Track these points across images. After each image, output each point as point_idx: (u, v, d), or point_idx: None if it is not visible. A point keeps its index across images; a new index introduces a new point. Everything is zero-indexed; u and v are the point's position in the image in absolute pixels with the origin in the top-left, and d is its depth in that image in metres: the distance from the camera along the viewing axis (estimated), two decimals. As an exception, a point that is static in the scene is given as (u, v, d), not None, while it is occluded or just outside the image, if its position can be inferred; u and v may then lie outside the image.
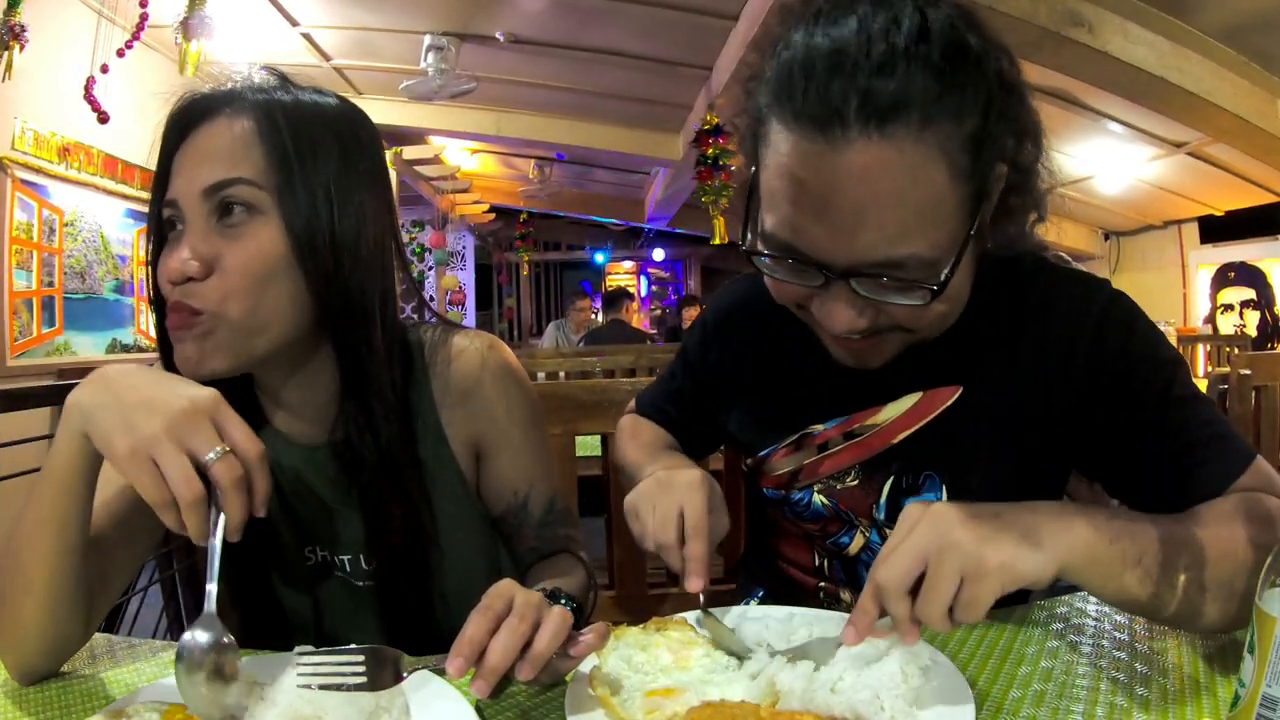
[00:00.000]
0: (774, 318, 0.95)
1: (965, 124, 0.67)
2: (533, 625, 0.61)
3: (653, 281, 12.42)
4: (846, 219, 0.67)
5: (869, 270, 0.70)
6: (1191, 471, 0.75)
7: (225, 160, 0.77)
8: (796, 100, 0.67)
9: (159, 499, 0.61)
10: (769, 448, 0.95)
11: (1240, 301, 6.48)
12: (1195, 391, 0.79)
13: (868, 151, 0.64)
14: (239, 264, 0.75)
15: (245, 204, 0.76)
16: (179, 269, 0.74)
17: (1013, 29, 3.26)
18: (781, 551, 1.01)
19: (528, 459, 0.94)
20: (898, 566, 0.59)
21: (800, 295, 0.77)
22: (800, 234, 0.71)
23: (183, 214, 0.76)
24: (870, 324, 0.75)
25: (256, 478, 0.64)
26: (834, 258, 0.70)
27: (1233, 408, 2.22)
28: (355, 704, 0.59)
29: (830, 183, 0.66)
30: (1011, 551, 0.58)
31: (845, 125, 0.64)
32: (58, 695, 0.69)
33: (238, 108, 0.79)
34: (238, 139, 0.77)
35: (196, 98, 0.80)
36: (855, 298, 0.72)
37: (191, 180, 0.76)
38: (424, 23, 4.51)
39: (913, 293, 0.71)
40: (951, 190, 0.68)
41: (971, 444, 0.84)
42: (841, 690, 0.58)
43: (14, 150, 3.76)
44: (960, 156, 0.67)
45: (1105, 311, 0.81)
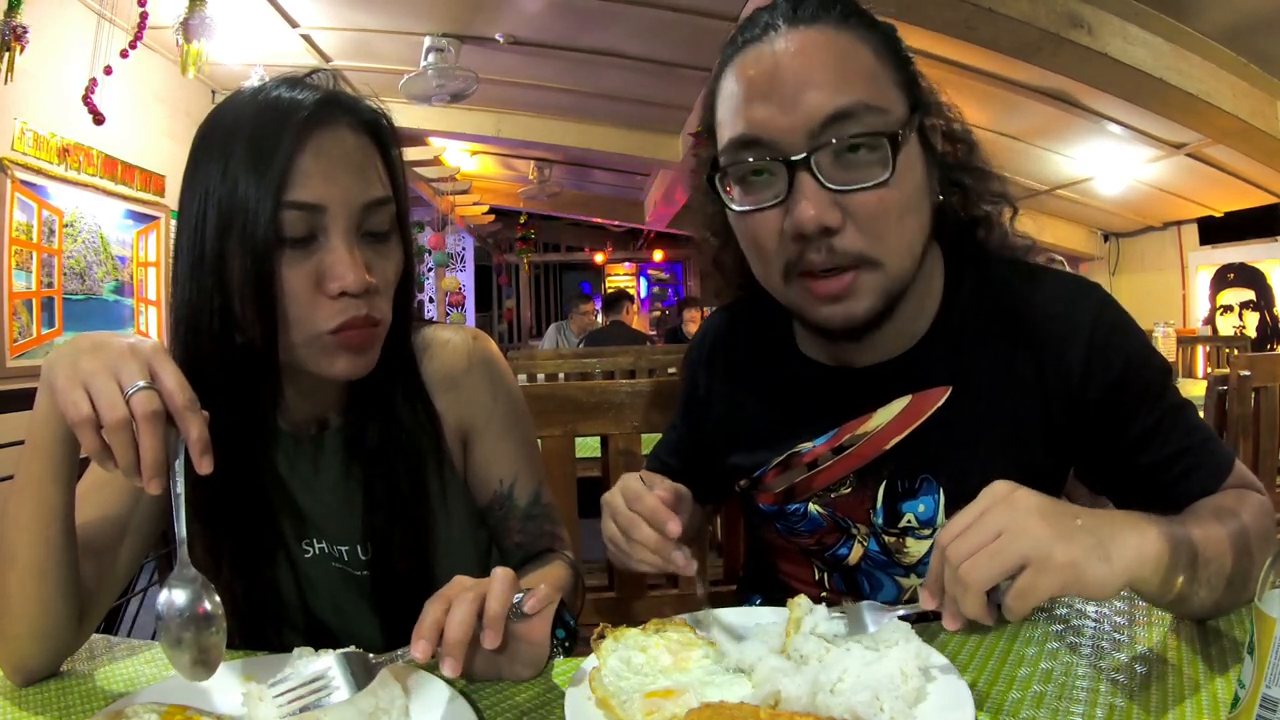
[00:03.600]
0: (757, 341, 0.98)
1: (877, 34, 0.78)
2: (482, 595, 0.64)
3: (652, 283, 12.42)
4: (790, 87, 0.74)
5: (823, 137, 0.73)
6: (1186, 475, 0.79)
7: (371, 177, 0.79)
8: (738, 41, 0.79)
9: (77, 416, 0.61)
10: (760, 470, 0.94)
11: (1240, 303, 6.48)
12: (1183, 398, 0.83)
13: (799, 34, 0.76)
14: (390, 279, 0.81)
15: (389, 221, 0.81)
16: (364, 283, 0.75)
17: (1012, 31, 3.26)
18: (781, 567, 1.01)
19: (511, 447, 0.97)
20: (967, 542, 0.59)
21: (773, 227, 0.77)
22: (754, 122, 0.76)
23: (330, 224, 0.75)
24: (839, 221, 0.74)
25: (188, 423, 0.62)
26: (789, 135, 0.74)
27: (1232, 408, 2.22)
28: (355, 707, 0.59)
29: (772, 64, 0.75)
30: (1082, 556, 0.57)
31: (776, 26, 0.77)
32: (57, 696, 0.69)
33: (353, 119, 0.80)
34: (371, 156, 0.80)
35: (313, 103, 0.76)
36: (820, 190, 0.74)
37: (350, 191, 0.76)
38: (424, 24, 4.51)
39: (871, 168, 0.74)
40: (881, 68, 0.77)
41: (965, 446, 0.84)
42: (841, 691, 0.57)
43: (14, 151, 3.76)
44: (881, 49, 0.78)
45: (1098, 315, 0.82)
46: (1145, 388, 0.81)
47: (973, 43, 3.39)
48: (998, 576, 0.57)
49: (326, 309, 0.76)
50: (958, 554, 0.59)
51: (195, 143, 0.79)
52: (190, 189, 0.78)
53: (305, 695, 0.58)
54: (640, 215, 9.04)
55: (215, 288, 0.75)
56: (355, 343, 0.78)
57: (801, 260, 0.77)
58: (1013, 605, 0.57)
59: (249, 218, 0.73)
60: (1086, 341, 0.81)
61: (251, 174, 0.73)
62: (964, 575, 0.58)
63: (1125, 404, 0.80)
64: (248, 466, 0.84)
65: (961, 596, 0.59)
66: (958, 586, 0.59)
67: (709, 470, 1.05)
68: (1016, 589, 0.57)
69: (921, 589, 0.63)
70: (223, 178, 0.74)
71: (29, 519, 0.68)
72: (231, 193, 0.73)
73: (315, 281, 0.75)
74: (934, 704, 0.59)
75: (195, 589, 0.64)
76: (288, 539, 0.89)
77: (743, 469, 0.97)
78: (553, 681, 0.70)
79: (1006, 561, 0.57)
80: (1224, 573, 0.66)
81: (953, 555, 0.59)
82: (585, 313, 7.00)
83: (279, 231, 0.73)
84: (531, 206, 9.17)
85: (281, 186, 0.73)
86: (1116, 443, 0.81)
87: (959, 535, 0.60)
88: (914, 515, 0.86)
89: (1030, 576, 0.57)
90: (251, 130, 0.74)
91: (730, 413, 1.00)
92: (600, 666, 0.64)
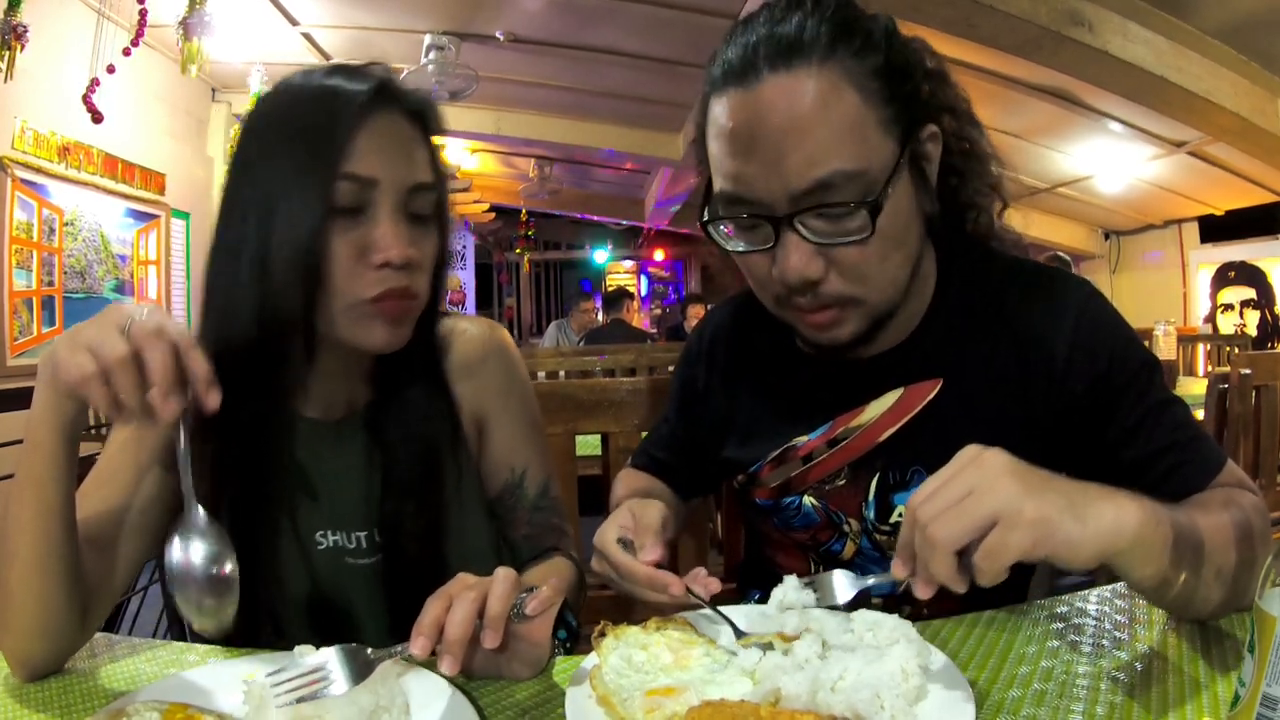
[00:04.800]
0: (754, 337, 0.99)
1: (867, 60, 0.75)
2: (484, 594, 0.64)
3: (653, 281, 12.43)
4: (771, 150, 0.74)
5: (805, 203, 0.74)
6: (1175, 471, 0.78)
7: (420, 162, 0.83)
8: (721, 66, 0.78)
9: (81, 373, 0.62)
10: (756, 464, 0.95)
11: (1240, 301, 6.48)
12: (1171, 394, 0.83)
13: (778, 85, 0.74)
14: (428, 259, 0.84)
15: (432, 206, 0.84)
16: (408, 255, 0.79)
17: (1013, 28, 3.26)
18: (778, 561, 1.01)
19: (523, 436, 0.98)
20: (935, 503, 0.59)
21: (763, 267, 0.80)
22: (739, 180, 0.77)
23: (379, 199, 0.79)
24: (822, 273, 0.76)
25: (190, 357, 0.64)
26: (772, 196, 0.75)
27: (1233, 407, 2.22)
28: (355, 704, 0.59)
29: (752, 120, 0.75)
30: (1054, 512, 0.56)
31: (757, 70, 0.74)
32: (58, 694, 0.69)
33: (405, 106, 0.84)
34: (419, 143, 0.84)
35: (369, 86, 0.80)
36: (803, 243, 0.76)
37: (401, 171, 0.81)
38: (424, 22, 4.51)
39: (853, 223, 0.75)
40: (867, 110, 0.75)
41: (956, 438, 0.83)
42: (842, 689, 0.57)
43: (14, 150, 3.76)
44: (869, 82, 0.75)
45: (1082, 309, 0.83)
46: (1129, 382, 0.81)
47: (973, 40, 3.39)
48: (967, 534, 0.56)
49: (368, 278, 0.79)
50: (926, 514, 0.58)
51: (248, 124, 0.84)
52: (242, 169, 0.82)
53: (303, 686, 0.58)
54: (640, 213, 9.04)
55: (259, 261, 0.78)
56: (392, 313, 0.81)
57: (790, 299, 0.81)
58: (982, 565, 0.56)
59: (306, 186, 0.77)
60: (1070, 334, 0.82)
61: (311, 146, 0.78)
62: (932, 535, 0.57)
63: (1109, 398, 0.81)
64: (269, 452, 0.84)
65: (930, 558, 0.58)
66: (926, 548, 0.58)
67: (701, 465, 1.06)
68: (986, 547, 0.56)
69: (894, 557, 0.63)
70: (283, 150, 0.79)
71: (30, 517, 0.68)
72: (289, 164, 0.78)
73: (360, 251, 0.79)
74: (935, 702, 0.59)
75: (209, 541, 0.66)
76: (301, 530, 0.89)
77: (739, 463, 0.97)
78: (553, 679, 0.70)
79: (975, 519, 0.56)
80: (1225, 565, 0.66)
81: (922, 516, 0.59)
82: (586, 311, 7.00)
83: (332, 201, 0.77)
84: (532, 205, 9.17)
85: (339, 158, 0.77)
86: (1101, 437, 0.81)
87: (929, 497, 0.59)
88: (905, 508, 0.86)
89: (1000, 534, 0.56)
90: (312, 108, 0.80)
91: (727, 407, 1.00)
92: (601, 664, 0.64)
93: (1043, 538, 0.56)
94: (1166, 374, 0.87)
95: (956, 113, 0.86)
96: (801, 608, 0.68)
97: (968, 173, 0.87)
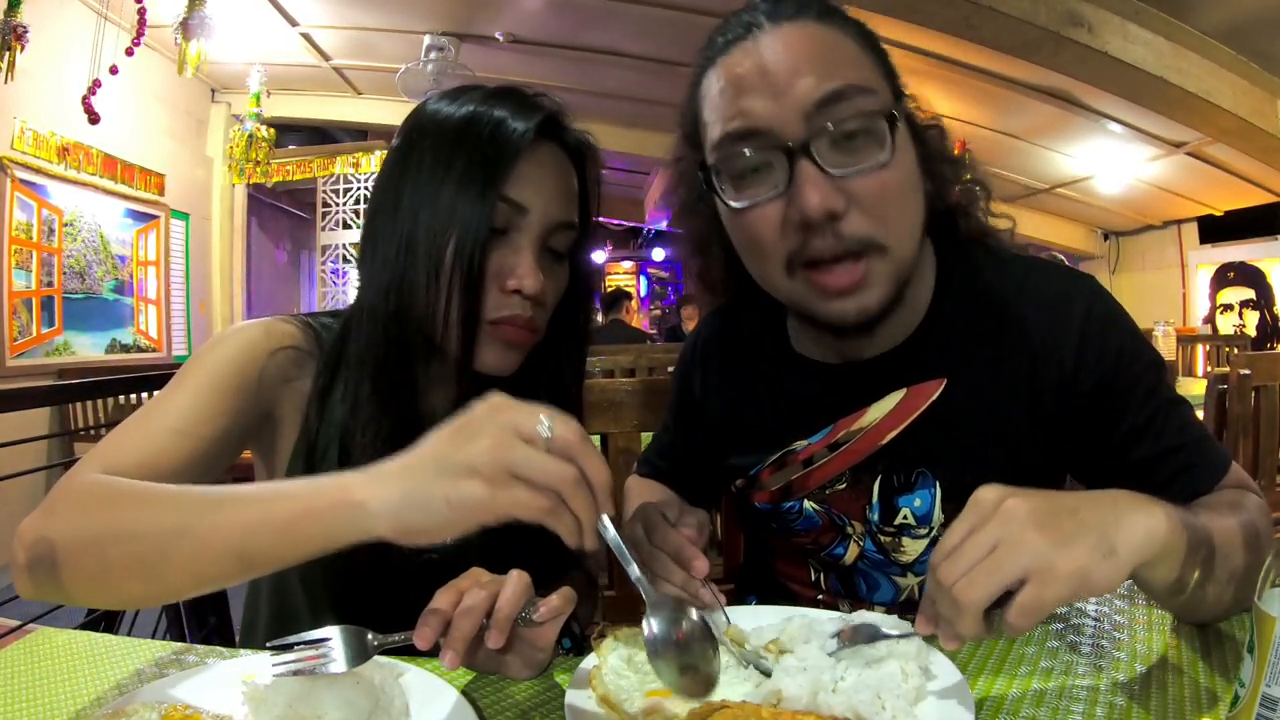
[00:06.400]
0: (751, 342, 0.98)
1: (854, 27, 0.79)
2: (494, 594, 0.64)
3: (652, 281, 12.42)
4: (781, 75, 0.74)
5: (820, 119, 0.73)
6: (1183, 472, 0.77)
7: (569, 200, 0.85)
8: (718, 43, 0.79)
9: (547, 505, 0.54)
10: (755, 468, 0.94)
11: (1240, 301, 6.49)
12: (1178, 395, 0.82)
13: (782, 29, 0.76)
14: (554, 296, 0.85)
15: (567, 246, 0.86)
16: (539, 288, 0.80)
17: (1012, 29, 3.26)
18: (778, 568, 1.00)
19: None
20: (959, 562, 0.56)
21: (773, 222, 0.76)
22: (748, 112, 0.75)
23: (528, 228, 0.81)
24: (844, 206, 0.73)
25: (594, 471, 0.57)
26: (783, 120, 0.73)
27: (1233, 408, 2.22)
28: (355, 705, 0.59)
29: (759, 57, 0.75)
30: (1087, 559, 0.54)
31: (759, 25, 0.77)
32: (59, 694, 0.69)
33: (563, 142, 0.85)
34: (571, 182, 0.86)
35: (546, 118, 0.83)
36: (821, 175, 0.73)
37: (551, 205, 0.82)
38: (424, 23, 4.51)
39: (870, 150, 0.74)
40: (865, 57, 0.77)
41: (960, 439, 0.83)
42: (843, 690, 0.57)
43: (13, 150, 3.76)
44: (862, 43, 0.78)
45: (1090, 306, 0.82)
46: (1137, 380, 0.80)
47: (973, 41, 3.39)
48: (995, 594, 0.54)
49: (496, 300, 0.80)
50: (950, 575, 0.56)
51: (407, 136, 0.84)
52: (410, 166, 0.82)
53: (302, 661, 0.59)
54: (640, 213, 9.04)
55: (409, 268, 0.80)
56: (508, 337, 0.82)
57: (805, 250, 0.75)
58: (1016, 623, 0.54)
59: (467, 200, 0.78)
60: (1079, 332, 0.80)
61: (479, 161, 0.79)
62: (959, 596, 0.55)
63: (1117, 397, 0.80)
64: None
65: (957, 619, 0.55)
66: (953, 609, 0.55)
67: (702, 473, 1.05)
68: (1020, 605, 0.53)
69: (919, 613, 0.60)
70: (452, 158, 0.80)
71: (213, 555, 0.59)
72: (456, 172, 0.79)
73: (495, 272, 0.80)
74: (935, 703, 0.59)
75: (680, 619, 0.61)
76: None
77: (739, 469, 0.96)
78: (553, 680, 0.70)
79: (1004, 579, 0.54)
80: (1236, 568, 0.65)
81: (945, 577, 0.56)
82: (585, 311, 6.98)
83: (488, 219, 0.78)
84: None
85: (500, 180, 0.79)
86: (1108, 437, 0.80)
87: (950, 554, 0.56)
88: (910, 511, 0.85)
89: (1034, 590, 0.53)
90: (483, 132, 0.80)
91: (725, 414, 0.99)
92: (601, 665, 0.64)
93: (1079, 588, 0.54)
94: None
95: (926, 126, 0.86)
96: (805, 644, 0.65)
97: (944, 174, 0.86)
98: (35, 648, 0.77)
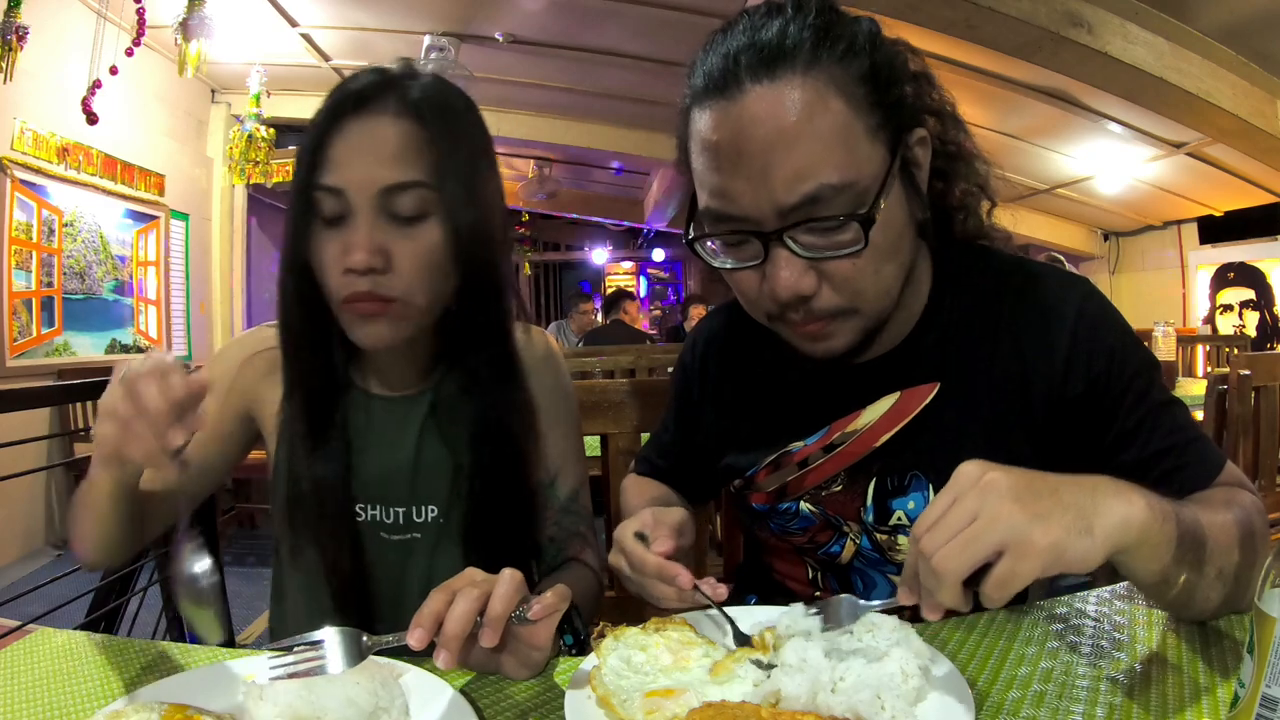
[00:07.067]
0: (748, 343, 0.98)
1: (853, 65, 0.72)
2: (487, 592, 0.64)
3: (652, 282, 12.43)
4: (757, 164, 0.71)
5: (794, 217, 0.72)
6: (1175, 472, 0.78)
7: (399, 162, 0.83)
8: (702, 75, 0.75)
9: (109, 429, 0.67)
10: (752, 469, 0.95)
11: (1239, 302, 6.49)
12: (1171, 395, 0.82)
13: (762, 96, 0.71)
14: (418, 259, 0.84)
15: (419, 204, 0.83)
16: (366, 261, 0.81)
17: (1012, 30, 3.26)
18: (776, 567, 1.01)
19: (562, 440, 1.01)
20: (939, 533, 0.57)
21: (753, 284, 0.79)
22: (726, 196, 0.74)
23: (351, 205, 0.82)
24: (814, 287, 0.75)
25: (173, 386, 0.67)
26: (760, 212, 0.73)
27: (1232, 408, 2.22)
28: (355, 704, 0.59)
29: (737, 133, 0.72)
30: (1062, 533, 0.55)
31: (739, 81, 0.72)
32: (59, 694, 0.69)
33: (400, 104, 0.84)
34: (409, 141, 0.83)
35: (355, 89, 0.84)
36: (794, 259, 0.74)
37: (368, 176, 0.82)
38: (424, 23, 4.51)
39: (844, 235, 0.73)
40: (855, 118, 0.72)
41: (954, 442, 0.83)
42: (842, 690, 0.57)
43: (13, 150, 3.76)
44: (856, 89, 0.72)
45: (1082, 307, 0.82)
46: (1129, 382, 0.80)
47: (973, 42, 3.40)
48: (972, 565, 0.56)
49: (339, 282, 0.83)
50: (931, 545, 0.57)
51: None
52: None
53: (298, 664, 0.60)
54: (640, 214, 9.05)
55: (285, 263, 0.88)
56: (362, 313, 0.84)
57: (781, 316, 0.79)
58: (992, 595, 0.56)
59: (299, 198, 0.84)
60: (1070, 334, 0.81)
61: (303, 160, 0.84)
62: (938, 566, 0.56)
63: (1109, 398, 0.80)
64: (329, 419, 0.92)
65: (937, 589, 0.57)
66: (932, 579, 0.57)
67: (700, 471, 1.05)
68: (996, 577, 0.55)
69: (899, 584, 0.63)
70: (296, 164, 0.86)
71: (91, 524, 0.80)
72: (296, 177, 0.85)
73: (335, 257, 0.83)
74: (935, 703, 0.59)
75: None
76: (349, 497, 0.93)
77: (736, 469, 0.97)
78: (553, 681, 0.70)
79: (981, 550, 0.55)
80: (1229, 564, 0.65)
81: (926, 547, 0.58)
82: (585, 312, 6.99)
83: (315, 210, 0.84)
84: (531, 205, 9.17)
85: (315, 170, 0.83)
86: (1100, 439, 0.80)
87: (931, 526, 0.58)
88: (904, 513, 0.86)
89: (1009, 563, 0.55)
90: (312, 121, 0.85)
91: (724, 414, 1.00)
92: (600, 665, 0.64)
93: (1052, 562, 0.55)
94: (1165, 375, 0.87)
95: (942, 115, 0.84)
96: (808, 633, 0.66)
97: (954, 175, 0.86)
98: (35, 648, 0.78)
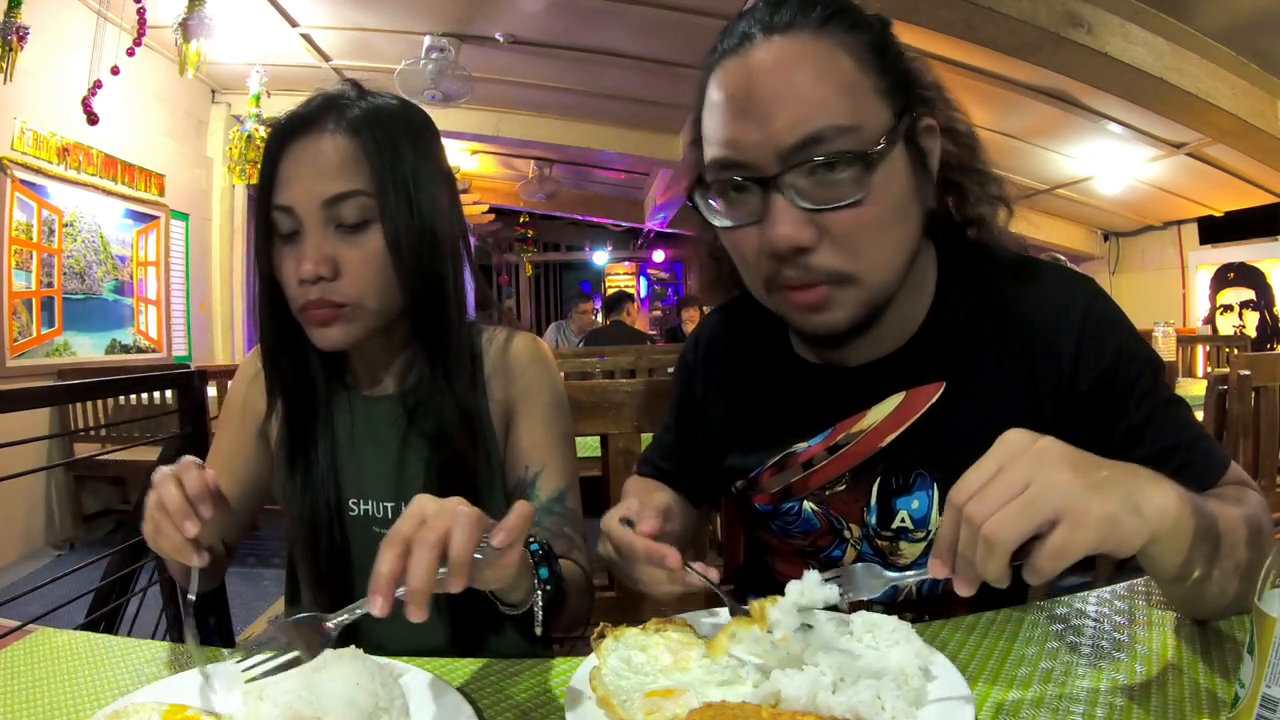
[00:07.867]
0: (751, 342, 0.98)
1: (861, 35, 0.75)
2: (444, 534, 0.59)
3: (653, 282, 12.43)
4: (765, 106, 0.73)
5: (795, 159, 0.72)
6: (1181, 471, 0.76)
7: (339, 174, 0.89)
8: (718, 51, 0.78)
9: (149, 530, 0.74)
10: (755, 470, 0.94)
11: (1240, 302, 6.49)
12: (1176, 395, 0.82)
13: (774, 45, 0.74)
14: (365, 265, 0.90)
15: (360, 212, 0.89)
16: (314, 271, 0.88)
17: (1012, 30, 3.26)
18: (777, 569, 1.00)
19: (546, 441, 1.02)
20: (989, 499, 0.53)
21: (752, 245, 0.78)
22: (730, 143, 0.75)
23: (301, 220, 0.89)
24: (813, 240, 0.74)
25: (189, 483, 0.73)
26: (762, 155, 0.73)
27: (1232, 408, 2.22)
28: (355, 704, 0.59)
29: (744, 81, 0.74)
30: (1118, 508, 0.53)
31: (752, 37, 0.75)
32: (58, 695, 0.69)
33: (337, 122, 0.91)
34: (346, 154, 0.90)
35: (299, 113, 0.92)
36: (792, 208, 0.73)
37: (310, 191, 0.89)
38: (424, 23, 4.51)
39: (845, 186, 0.72)
40: (862, 76, 0.74)
41: (960, 441, 0.82)
42: (842, 690, 0.57)
43: (13, 150, 3.76)
44: (864, 54, 0.75)
45: (1088, 307, 0.82)
46: (1135, 380, 0.80)
47: (973, 42, 3.40)
48: (1026, 533, 0.52)
49: (297, 291, 0.90)
50: (980, 512, 0.53)
51: None
52: None
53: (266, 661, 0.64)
54: (640, 214, 9.05)
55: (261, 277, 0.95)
56: (317, 319, 0.91)
57: (778, 276, 0.77)
58: (1044, 566, 0.52)
59: (259, 219, 0.92)
60: (1077, 332, 0.81)
61: (260, 183, 0.92)
62: (990, 534, 0.52)
63: (1114, 397, 0.80)
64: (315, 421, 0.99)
65: (985, 559, 0.53)
66: (981, 547, 0.53)
67: (704, 473, 1.04)
68: (1051, 547, 0.52)
69: (932, 556, 0.59)
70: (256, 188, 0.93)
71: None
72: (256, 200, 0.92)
73: (292, 271, 0.90)
74: (935, 704, 0.59)
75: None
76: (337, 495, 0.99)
77: (739, 470, 0.97)
78: (553, 681, 0.70)
79: (1038, 516, 0.52)
80: (1240, 560, 0.65)
81: (974, 513, 0.54)
82: (585, 312, 6.99)
83: (273, 228, 0.91)
84: (531, 206, 9.17)
85: (268, 191, 0.91)
86: (1106, 438, 0.80)
87: (978, 492, 0.54)
88: (908, 513, 0.86)
89: (1066, 533, 0.52)
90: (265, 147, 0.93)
91: (726, 414, 0.99)
92: (600, 666, 0.64)
93: (1107, 535, 0.53)
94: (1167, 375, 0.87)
95: (956, 134, 0.84)
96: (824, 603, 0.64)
97: (970, 187, 0.86)
98: (35, 648, 0.78)
